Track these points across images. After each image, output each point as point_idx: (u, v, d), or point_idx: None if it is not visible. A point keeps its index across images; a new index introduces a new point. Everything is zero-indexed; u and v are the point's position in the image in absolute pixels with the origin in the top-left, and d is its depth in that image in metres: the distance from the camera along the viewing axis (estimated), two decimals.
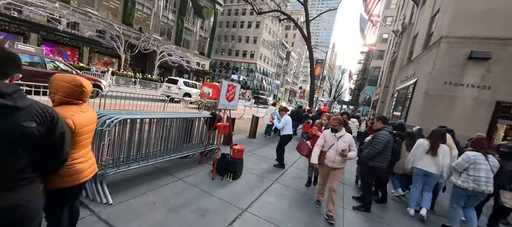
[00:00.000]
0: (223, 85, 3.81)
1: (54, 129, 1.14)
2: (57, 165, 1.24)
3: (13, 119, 0.98)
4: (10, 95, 0.97)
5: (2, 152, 0.97)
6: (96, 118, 1.71)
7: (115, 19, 21.57)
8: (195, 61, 30.98)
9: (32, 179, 1.11)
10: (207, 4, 32.44)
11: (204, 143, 4.39)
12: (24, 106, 1.02)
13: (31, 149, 1.06)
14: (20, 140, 1.01)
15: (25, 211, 1.07)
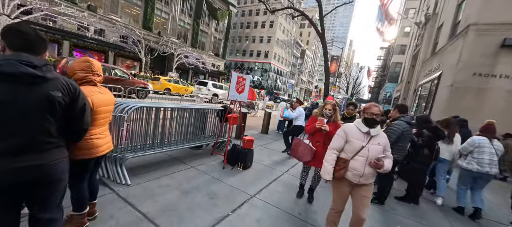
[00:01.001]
0: (233, 77, 3.91)
1: (77, 100, 1.30)
2: (79, 134, 1.41)
3: (43, 87, 1.14)
4: (40, 67, 1.14)
5: (33, 116, 1.13)
6: (113, 100, 1.89)
7: (136, 24, 22.93)
8: (210, 63, 31.77)
9: (59, 144, 1.28)
10: (222, 6, 33.12)
11: (216, 135, 4.54)
12: (52, 78, 1.19)
13: (57, 117, 1.22)
14: (48, 106, 1.17)
15: (52, 171, 1.24)
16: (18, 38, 1.15)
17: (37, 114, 1.14)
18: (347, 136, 1.99)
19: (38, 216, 1.27)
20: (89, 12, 18.80)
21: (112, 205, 2.24)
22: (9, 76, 1.05)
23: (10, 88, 1.06)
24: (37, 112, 1.14)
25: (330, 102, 2.93)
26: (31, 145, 1.15)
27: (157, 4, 24.26)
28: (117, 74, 10.22)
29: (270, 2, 15.68)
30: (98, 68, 1.76)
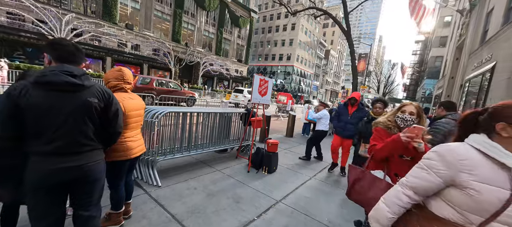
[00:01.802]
0: (255, 80, 3.90)
1: (111, 105, 1.40)
2: (113, 137, 1.51)
3: (81, 94, 1.26)
4: (80, 77, 1.26)
5: (74, 121, 1.24)
6: (143, 105, 2.01)
7: (166, 38, 24.83)
8: (233, 69, 32.67)
9: (96, 146, 1.39)
10: (243, 13, 33.98)
11: (240, 139, 4.56)
12: (89, 85, 1.31)
13: (94, 121, 1.33)
14: (86, 111, 1.28)
15: (90, 172, 1.34)
16: (60, 51, 1.29)
17: (77, 119, 1.25)
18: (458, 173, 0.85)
19: (79, 213, 1.39)
20: (127, 30, 20.99)
21: (145, 205, 2.37)
22: (54, 85, 1.18)
23: (55, 96, 1.19)
24: (77, 117, 1.25)
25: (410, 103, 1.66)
26: (72, 147, 1.26)
27: (184, 18, 25.97)
28: (171, 87, 11.96)
29: (290, 5, 15.53)
30: (128, 77, 1.89)
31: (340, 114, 4.13)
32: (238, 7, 32.92)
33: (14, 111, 1.12)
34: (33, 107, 1.14)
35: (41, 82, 1.17)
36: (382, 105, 3.24)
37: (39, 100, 1.15)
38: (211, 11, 28.86)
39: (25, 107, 1.13)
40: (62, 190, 1.30)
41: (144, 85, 10.76)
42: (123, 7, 21.03)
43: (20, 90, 1.14)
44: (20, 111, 1.13)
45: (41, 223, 1.26)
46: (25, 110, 1.14)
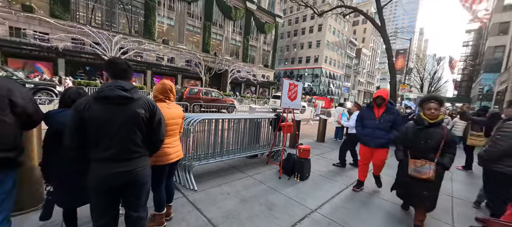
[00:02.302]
0: (284, 84, 3.86)
1: (155, 115, 1.53)
2: (157, 144, 1.63)
3: (131, 106, 1.41)
4: (130, 90, 1.41)
5: (125, 130, 1.39)
6: (180, 114, 2.14)
7: (197, 49, 26.56)
8: (260, 74, 33.07)
9: (143, 153, 1.52)
10: (268, 19, 34.37)
11: (271, 144, 4.53)
12: (137, 98, 1.45)
13: (141, 130, 1.46)
14: (135, 121, 1.42)
15: (139, 176, 1.48)
16: (115, 69, 1.47)
17: (128, 128, 1.40)
18: None
19: (129, 214, 1.53)
20: (164, 45, 23.13)
21: (183, 208, 2.50)
22: (109, 99, 1.35)
23: (110, 108, 1.35)
24: (128, 126, 1.40)
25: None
26: (124, 153, 1.40)
27: (213, 29, 27.46)
28: (214, 95, 13.17)
29: (316, 6, 15.11)
30: (169, 89, 2.04)
31: (364, 117, 3.32)
32: (263, 14, 33.45)
33: (79, 123, 1.31)
34: (94, 119, 1.32)
35: (99, 97, 1.34)
36: (438, 105, 2.39)
37: (98, 113, 1.32)
38: (237, 20, 29.93)
39: (88, 119, 1.31)
40: (116, 192, 1.46)
41: (193, 96, 12.20)
42: (160, 25, 23.28)
43: (84, 105, 1.32)
44: (84, 123, 1.31)
45: (101, 221, 1.42)
46: (88, 122, 1.31)
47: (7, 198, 1.34)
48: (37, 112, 1.44)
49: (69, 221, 1.76)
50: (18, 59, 15.43)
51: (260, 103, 24.33)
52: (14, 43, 15.22)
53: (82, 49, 17.80)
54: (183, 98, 11.62)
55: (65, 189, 1.61)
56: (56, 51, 16.53)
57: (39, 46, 15.93)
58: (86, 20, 18.77)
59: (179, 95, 12.10)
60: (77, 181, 1.57)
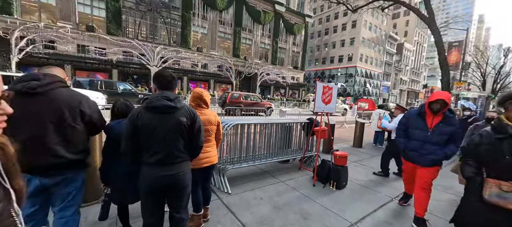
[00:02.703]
0: (318, 87, 3.70)
1: (195, 123, 1.63)
2: (196, 150, 1.73)
3: (175, 115, 1.53)
4: (174, 100, 1.54)
5: (170, 136, 1.51)
6: (214, 119, 2.18)
7: (228, 54, 27.66)
8: (290, 76, 32.61)
9: (185, 158, 1.63)
10: (298, 20, 33.76)
11: (303, 149, 4.39)
12: (180, 107, 1.57)
13: (183, 136, 1.57)
14: (179, 129, 1.53)
15: (182, 180, 1.59)
16: (161, 80, 1.61)
17: (172, 135, 1.52)
18: None
19: (173, 214, 1.66)
20: (198, 52, 24.74)
21: (219, 211, 2.58)
22: (157, 108, 1.49)
23: (158, 117, 1.49)
24: (172, 133, 1.52)
25: None
26: (169, 158, 1.53)
27: (243, 34, 28.25)
28: (253, 99, 14.07)
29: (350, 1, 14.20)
30: (199, 97, 2.12)
31: (410, 126, 2.58)
32: (292, 15, 33.00)
33: (133, 131, 1.47)
34: (144, 127, 1.47)
35: (149, 107, 1.49)
36: None
37: (148, 121, 1.47)
38: (266, 23, 30.19)
39: (140, 127, 1.47)
40: (161, 193, 1.59)
41: (235, 100, 13.19)
42: (195, 34, 25.00)
43: (137, 115, 1.49)
44: (137, 131, 1.47)
45: (150, 219, 1.58)
46: (140, 130, 1.47)
47: (78, 193, 1.58)
48: (100, 121, 1.66)
49: (122, 217, 2.00)
50: (83, 72, 18.40)
51: (290, 105, 23.95)
52: (80, 58, 18.23)
53: (131, 60, 20.25)
54: (227, 103, 12.56)
55: (119, 189, 1.83)
56: (111, 63, 19.21)
57: (98, 60, 18.74)
58: (134, 34, 21.34)
59: (223, 100, 13.15)
60: (129, 181, 1.77)
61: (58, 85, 1.45)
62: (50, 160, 1.40)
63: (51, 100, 1.39)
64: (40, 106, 1.36)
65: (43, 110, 1.37)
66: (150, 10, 21.69)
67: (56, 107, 1.40)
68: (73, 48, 18.28)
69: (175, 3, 23.27)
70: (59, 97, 1.42)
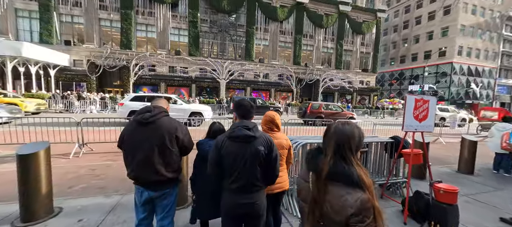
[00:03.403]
0: (408, 101, 3.03)
1: (272, 152, 1.60)
2: (272, 178, 1.69)
3: (254, 144, 1.55)
4: (252, 129, 1.57)
5: (249, 165, 1.53)
6: (285, 143, 2.07)
7: (288, 63, 27.74)
8: (357, 80, 29.17)
9: (261, 187, 1.62)
10: (367, 17, 30.06)
11: (383, 172, 3.68)
12: (258, 136, 1.58)
13: (261, 165, 1.57)
14: (257, 158, 1.54)
15: (258, 208, 1.59)
16: (241, 110, 1.68)
17: (251, 164, 1.54)
18: None
19: None
20: (260, 63, 26.09)
21: None
22: (238, 138, 1.54)
23: (239, 146, 1.55)
24: (251, 162, 1.54)
25: None
26: (247, 187, 1.56)
27: (303, 41, 27.71)
28: (333, 109, 13.82)
29: None
30: (271, 120, 2.06)
31: None
32: (360, 13, 29.72)
33: (218, 157, 1.58)
34: (228, 154, 1.55)
35: (231, 136, 1.57)
36: None
37: (230, 149, 1.55)
38: (329, 26, 28.48)
39: (223, 154, 1.56)
40: (240, 220, 1.64)
41: (315, 110, 13.17)
42: (257, 47, 26.56)
43: (221, 142, 1.59)
44: (221, 158, 1.57)
45: None
46: (224, 157, 1.57)
47: (173, 205, 1.88)
48: (190, 143, 1.91)
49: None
50: (172, 87, 22.95)
51: (359, 113, 21.27)
52: (170, 77, 22.87)
53: (205, 76, 23.63)
54: (307, 114, 12.60)
55: (202, 204, 2.04)
56: (191, 79, 23.05)
57: (182, 77, 22.93)
58: (208, 53, 24.89)
59: (303, 111, 13.20)
60: (211, 199, 1.94)
61: (163, 115, 1.79)
62: (155, 177, 1.73)
63: (157, 128, 1.72)
64: (150, 133, 1.71)
65: (152, 136, 1.71)
66: (220, 31, 24.80)
67: (160, 134, 1.72)
68: (166, 69, 23.15)
69: (240, 21, 25.63)
70: (162, 125, 1.74)
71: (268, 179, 1.68)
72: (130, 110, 9.34)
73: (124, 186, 3.61)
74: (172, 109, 10.22)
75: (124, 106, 9.72)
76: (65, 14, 20.54)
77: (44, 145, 2.59)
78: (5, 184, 3.59)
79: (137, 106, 9.50)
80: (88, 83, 20.28)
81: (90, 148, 5.64)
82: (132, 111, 9.28)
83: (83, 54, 20.58)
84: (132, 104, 9.70)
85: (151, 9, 22.43)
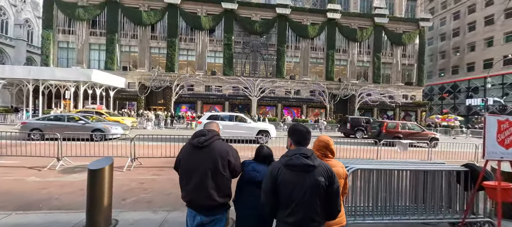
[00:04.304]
0: (489, 123, 2.56)
1: (333, 183, 1.44)
2: (333, 215, 1.51)
3: (313, 174, 1.39)
4: (310, 157, 1.43)
5: (308, 198, 1.38)
6: (342, 172, 1.87)
7: (320, 78, 27.08)
8: (400, 94, 26.51)
9: (321, 223, 1.46)
10: (407, 27, 27.93)
11: (456, 208, 3.09)
12: (317, 165, 1.42)
13: (320, 199, 1.40)
14: (316, 190, 1.38)
15: None
16: (297, 136, 1.54)
17: (310, 196, 1.38)
18: None
19: None
20: (291, 80, 26.10)
21: None
22: (296, 167, 1.39)
23: (296, 175, 1.40)
24: (310, 194, 1.38)
25: None
26: (305, 221, 1.40)
27: (336, 56, 26.95)
28: (412, 128, 12.62)
29: None
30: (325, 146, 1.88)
31: None
32: (399, 24, 27.85)
33: (273, 186, 1.45)
34: (284, 184, 1.42)
35: (288, 164, 1.42)
36: None
37: (287, 179, 1.41)
38: (364, 40, 27.27)
39: (280, 183, 1.43)
40: None
41: (392, 130, 12.06)
42: (288, 64, 26.81)
43: (277, 170, 1.47)
44: (277, 187, 1.44)
45: None
46: (280, 186, 1.43)
47: None
48: (240, 167, 1.89)
49: None
50: (208, 105, 24.43)
51: None
52: (206, 95, 24.49)
53: (237, 93, 24.60)
54: (382, 133, 11.56)
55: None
56: (224, 97, 24.26)
57: (217, 95, 24.32)
58: (240, 72, 26.10)
59: (377, 131, 12.10)
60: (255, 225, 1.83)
61: (216, 139, 1.81)
62: (208, 202, 1.71)
63: (210, 151, 1.73)
64: (204, 156, 1.73)
65: (206, 160, 1.72)
66: (252, 51, 25.99)
67: (214, 157, 1.72)
68: (202, 88, 24.95)
69: (271, 41, 26.52)
70: (215, 148, 1.75)
71: (328, 215, 1.50)
72: None
73: (168, 202, 3.83)
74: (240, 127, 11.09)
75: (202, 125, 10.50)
76: (124, 45, 24.38)
77: (109, 160, 2.86)
78: (74, 192, 4.13)
79: None
80: (138, 102, 23.06)
81: (139, 162, 6.20)
82: None
83: (135, 77, 23.76)
84: None
85: (192, 36, 25.02)
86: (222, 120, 11.20)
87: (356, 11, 27.58)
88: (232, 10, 24.89)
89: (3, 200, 3.71)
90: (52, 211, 3.31)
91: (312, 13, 26.73)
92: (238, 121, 11.62)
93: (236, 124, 11.29)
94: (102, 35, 23.67)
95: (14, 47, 34.99)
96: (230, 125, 11.02)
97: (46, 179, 4.89)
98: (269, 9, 25.85)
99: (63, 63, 23.55)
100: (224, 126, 10.72)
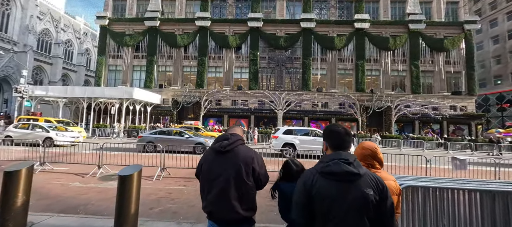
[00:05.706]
0: None
1: (386, 199, 1.13)
2: None
3: (357, 185, 1.09)
4: (353, 163, 1.13)
5: (352, 214, 1.08)
6: (394, 186, 1.51)
7: (350, 90, 25.70)
8: (447, 105, 23.39)
9: None
10: (450, 32, 25.30)
11: None
12: (363, 173, 1.12)
13: (369, 217, 1.08)
14: (363, 206, 1.07)
15: None
16: (335, 139, 1.27)
17: (356, 214, 1.09)
18: None
19: None
20: (318, 93, 25.30)
21: None
22: (335, 175, 1.11)
23: (335, 185, 1.10)
24: (355, 210, 1.09)
25: None
26: None
27: (367, 66, 25.50)
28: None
29: None
30: (371, 155, 1.59)
31: None
32: (438, 28, 25.48)
33: (307, 200, 1.14)
34: (321, 197, 1.12)
35: (325, 172, 1.15)
36: None
37: (324, 191, 1.12)
38: (398, 48, 25.44)
39: (315, 196, 1.13)
40: None
41: None
42: (314, 76, 26.24)
43: (312, 180, 1.15)
44: (311, 200, 1.13)
45: None
46: (315, 199, 1.13)
47: None
48: (265, 177, 1.66)
49: None
50: (234, 118, 24.93)
51: (455, 148, 16.45)
52: (233, 109, 25.12)
53: (263, 107, 24.68)
54: None
55: None
56: (250, 110, 24.53)
57: (243, 109, 24.75)
58: (266, 86, 26.37)
59: None
60: None
61: (239, 143, 1.63)
62: (230, 215, 1.51)
63: (234, 157, 1.56)
64: (227, 162, 1.56)
65: (229, 166, 1.54)
66: (277, 65, 26.26)
67: (237, 163, 1.54)
68: (229, 102, 25.73)
69: (296, 54, 26.54)
70: (239, 153, 1.58)
71: None
72: (284, 142, 10.21)
73: (193, 214, 3.78)
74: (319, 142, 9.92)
75: (279, 139, 10.53)
76: (161, 65, 27.01)
77: (137, 168, 2.88)
78: (108, 198, 4.32)
79: (289, 139, 10.62)
80: (171, 117, 24.74)
81: (168, 172, 6.38)
82: (286, 143, 10.11)
83: (169, 94, 25.80)
84: (285, 137, 10.46)
85: (220, 54, 26.58)
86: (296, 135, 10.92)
87: (387, 19, 26.22)
88: (258, 28, 25.94)
89: (50, 202, 4.12)
90: (87, 216, 3.52)
91: (338, 24, 26.27)
92: (314, 135, 11.06)
93: (314, 139, 10.64)
94: (143, 58, 26.74)
95: (76, 71, 41.97)
96: (307, 140, 10.56)
97: (87, 185, 5.31)
98: (293, 24, 26.25)
99: (111, 83, 26.97)
100: (301, 140, 10.50)
